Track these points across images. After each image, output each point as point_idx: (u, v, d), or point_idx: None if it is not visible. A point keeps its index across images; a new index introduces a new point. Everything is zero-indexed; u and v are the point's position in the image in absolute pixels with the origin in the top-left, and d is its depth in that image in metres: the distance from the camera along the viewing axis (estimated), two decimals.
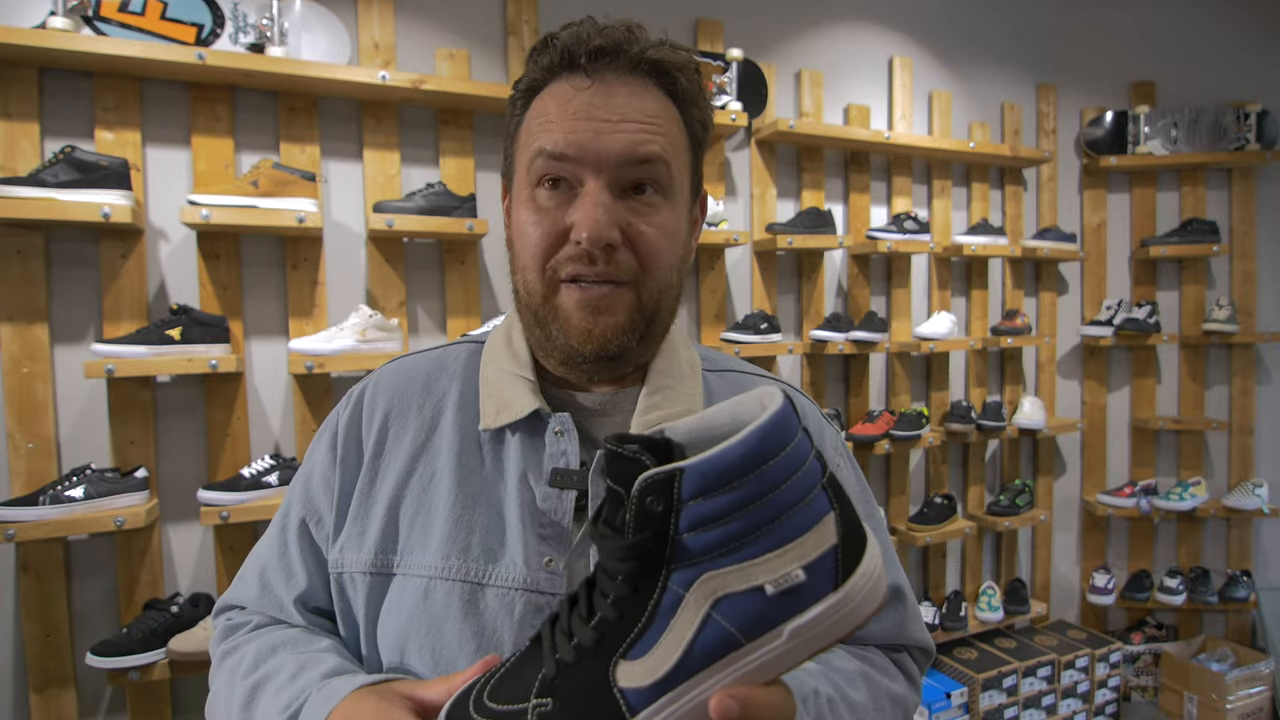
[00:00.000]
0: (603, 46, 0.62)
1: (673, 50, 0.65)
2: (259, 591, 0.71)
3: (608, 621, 0.42)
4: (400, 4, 2.07)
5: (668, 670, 0.40)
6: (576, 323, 0.64)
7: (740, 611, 0.40)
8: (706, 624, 0.40)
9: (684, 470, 0.39)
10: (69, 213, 1.58)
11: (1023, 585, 2.88)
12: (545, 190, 0.63)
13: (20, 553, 1.71)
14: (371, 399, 0.73)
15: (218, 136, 1.87)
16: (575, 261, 0.62)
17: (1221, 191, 3.09)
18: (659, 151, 0.63)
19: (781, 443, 0.40)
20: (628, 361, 0.68)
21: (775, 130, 2.40)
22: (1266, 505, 2.89)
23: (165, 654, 1.68)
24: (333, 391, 2.00)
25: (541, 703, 0.42)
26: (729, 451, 0.39)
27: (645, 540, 0.40)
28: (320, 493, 0.71)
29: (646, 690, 0.40)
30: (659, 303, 0.66)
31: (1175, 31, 3.08)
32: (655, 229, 0.64)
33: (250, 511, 1.75)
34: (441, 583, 0.62)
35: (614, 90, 0.62)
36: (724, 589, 0.40)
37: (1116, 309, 2.96)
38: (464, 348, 0.76)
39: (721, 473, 0.39)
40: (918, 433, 2.55)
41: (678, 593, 0.40)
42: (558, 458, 0.65)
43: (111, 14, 1.76)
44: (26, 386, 1.71)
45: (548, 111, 0.63)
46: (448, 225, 1.95)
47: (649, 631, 0.41)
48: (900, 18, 2.79)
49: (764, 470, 0.39)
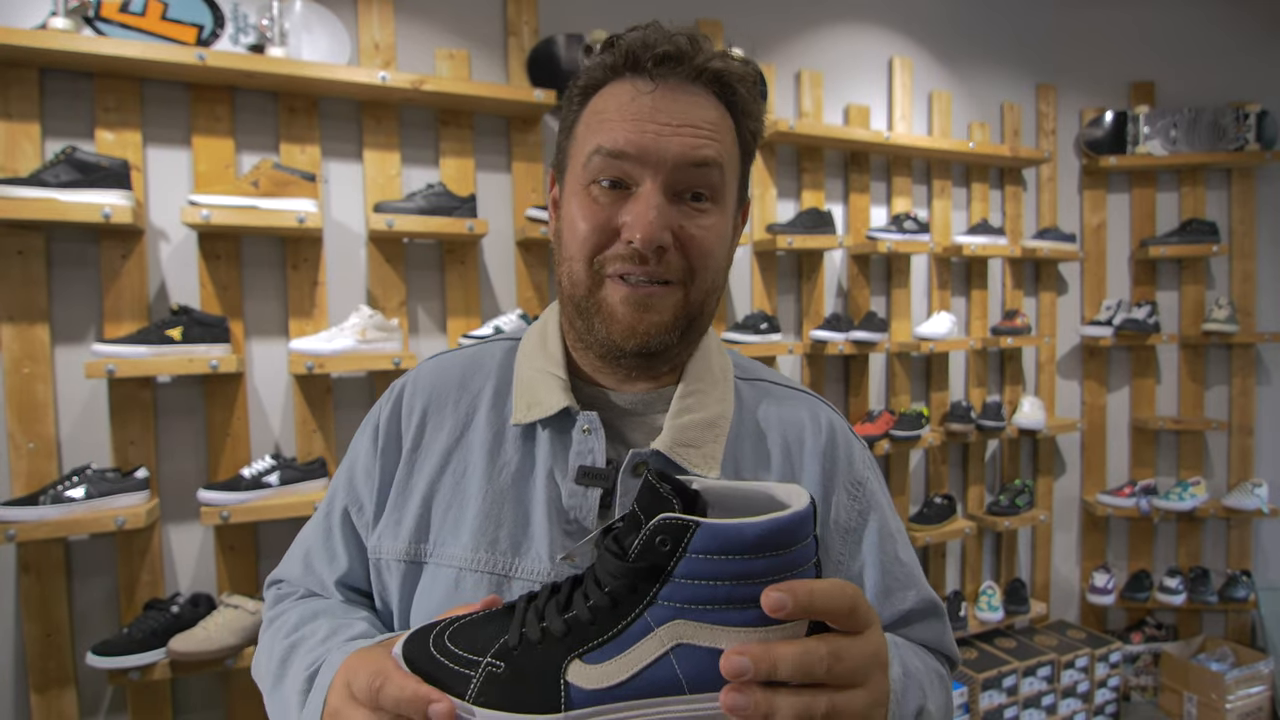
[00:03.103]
0: (669, 52, 0.64)
1: (733, 62, 0.67)
2: (303, 570, 0.76)
3: (580, 621, 0.45)
4: (400, 4, 2.08)
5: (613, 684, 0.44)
6: (621, 317, 0.65)
7: (694, 662, 0.43)
8: (660, 661, 0.44)
9: (700, 526, 0.43)
10: (70, 213, 1.59)
11: (1023, 585, 2.88)
12: (600, 187, 0.65)
13: (21, 553, 1.71)
14: (411, 394, 0.75)
15: (218, 137, 1.87)
16: (625, 260, 0.64)
17: (1221, 191, 3.09)
18: (714, 156, 0.64)
19: (792, 540, 0.43)
20: (666, 359, 0.70)
21: (775, 130, 2.40)
22: (1266, 505, 2.89)
23: (165, 654, 1.68)
24: (333, 392, 2.00)
25: (494, 663, 0.46)
26: (745, 527, 0.43)
27: (643, 569, 0.44)
28: (363, 482, 0.74)
29: (589, 693, 0.44)
30: (703, 304, 0.68)
31: (1175, 31, 3.08)
32: (705, 232, 0.65)
33: (250, 511, 1.75)
34: (471, 574, 0.65)
35: (676, 96, 0.64)
36: (689, 638, 0.43)
37: (1116, 309, 2.96)
38: (500, 345, 0.78)
39: (731, 541, 0.42)
40: (917, 433, 2.55)
41: (649, 624, 0.44)
42: (584, 455, 0.67)
43: (112, 14, 1.76)
44: (27, 387, 1.71)
45: (608, 109, 0.65)
46: (448, 225, 1.95)
47: (610, 645, 0.45)
48: (900, 18, 2.79)
49: (767, 556, 0.43)
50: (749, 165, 0.72)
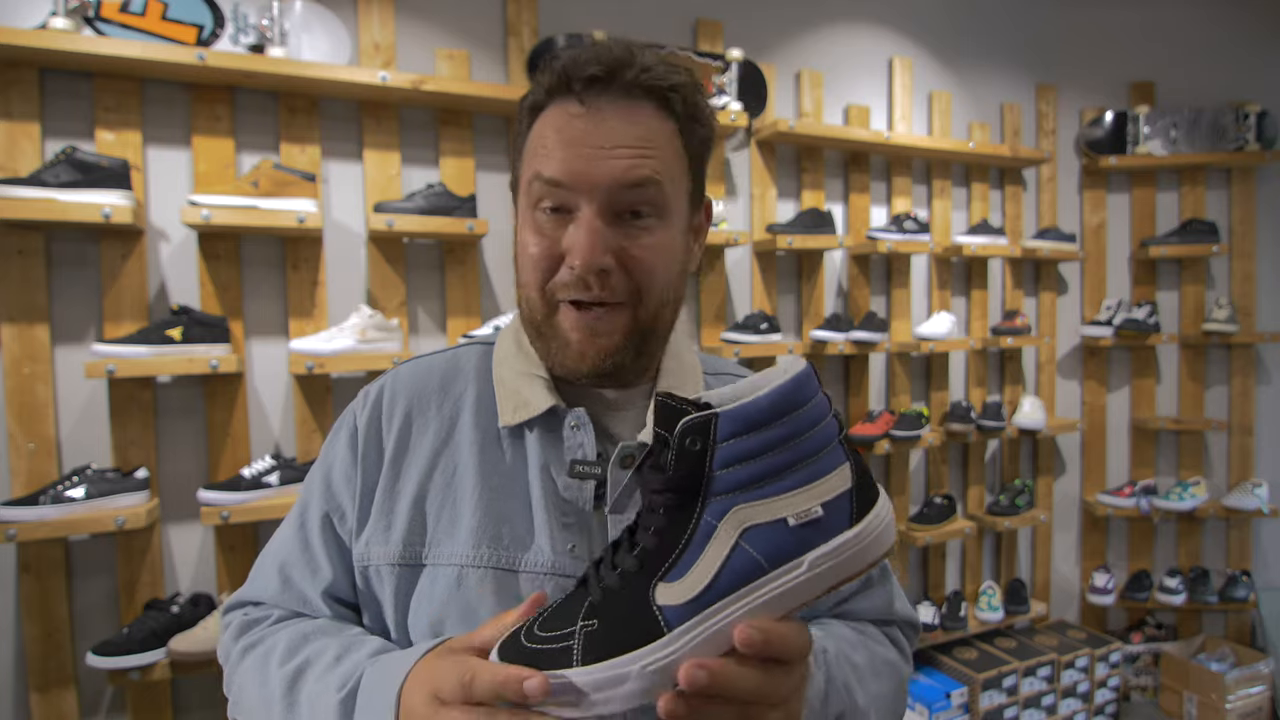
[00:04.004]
0: (597, 74, 0.64)
1: (669, 71, 0.66)
2: (280, 586, 0.73)
3: (648, 550, 0.48)
4: (400, 4, 2.08)
5: (700, 590, 0.46)
6: (574, 343, 0.67)
7: (766, 541, 0.46)
8: (735, 551, 0.46)
9: (719, 415, 0.46)
10: (70, 213, 1.59)
11: (1023, 585, 2.88)
12: (544, 214, 0.66)
13: (21, 553, 1.71)
14: (390, 399, 0.75)
15: (218, 137, 1.87)
16: (571, 286, 0.65)
17: (1221, 191, 3.09)
18: (650, 175, 0.64)
19: (803, 399, 0.47)
20: (624, 375, 0.71)
21: (775, 130, 2.40)
22: (1266, 505, 2.89)
23: (166, 654, 1.68)
24: (333, 392, 2.00)
25: (588, 624, 0.47)
26: (758, 401, 0.46)
27: (684, 476, 0.47)
28: (342, 489, 0.73)
29: (681, 608, 0.46)
30: (655, 320, 0.69)
31: (1175, 31, 3.08)
32: (648, 251, 0.66)
33: (250, 511, 1.75)
34: (474, 570, 0.65)
35: (607, 116, 0.64)
36: (751, 520, 0.46)
37: (1116, 309, 2.96)
38: (475, 349, 0.79)
39: (751, 419, 0.46)
40: (918, 433, 2.55)
41: (711, 523, 0.46)
42: (575, 450, 0.69)
43: (112, 15, 1.76)
44: (27, 387, 1.71)
45: (546, 134, 0.65)
46: (448, 225, 1.95)
47: (685, 556, 0.47)
48: (900, 18, 2.79)
49: (787, 420, 0.46)
50: (702, 167, 0.72)
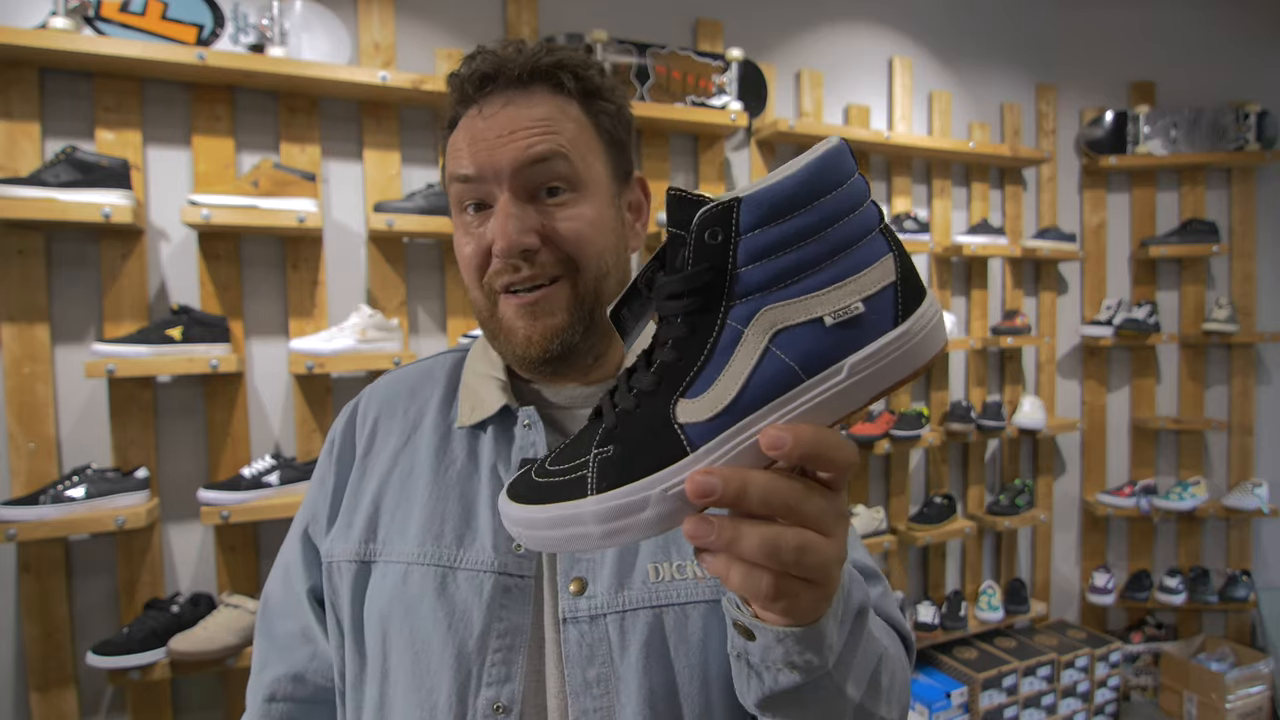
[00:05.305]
0: (485, 73, 0.66)
1: (553, 53, 0.68)
2: (283, 588, 0.77)
3: (667, 365, 0.41)
4: (400, 4, 2.08)
5: (726, 404, 0.39)
6: (517, 329, 0.67)
7: (799, 344, 0.39)
8: (765, 358, 0.39)
9: (742, 200, 0.39)
10: (70, 213, 1.59)
11: (1023, 585, 2.88)
12: (469, 215, 0.68)
13: (21, 552, 1.71)
14: (365, 407, 0.79)
15: (218, 136, 1.87)
16: (504, 274, 0.66)
17: (1221, 191, 3.09)
18: (551, 149, 0.65)
19: (838, 178, 0.39)
20: (578, 357, 0.70)
21: (775, 130, 2.40)
22: (1266, 505, 2.89)
23: (166, 654, 1.68)
24: (333, 391, 2.00)
25: (602, 451, 0.41)
26: (785, 182, 0.39)
27: (704, 272, 0.40)
28: (318, 494, 0.77)
29: (705, 425, 0.40)
30: (597, 292, 0.68)
31: (1175, 31, 3.08)
32: (572, 222, 0.66)
33: (251, 511, 1.75)
34: (418, 568, 0.66)
35: (502, 108, 0.66)
36: (783, 321, 0.39)
37: (1116, 309, 2.96)
38: (451, 356, 0.82)
39: (779, 203, 0.39)
40: (917, 432, 2.55)
41: (736, 329, 0.40)
42: (527, 449, 0.69)
43: (112, 14, 1.76)
44: (27, 386, 1.71)
45: (457, 141, 0.68)
46: (448, 225, 1.94)
47: (708, 368, 0.40)
48: (900, 18, 2.79)
49: (821, 203, 0.39)
50: (622, 142, 0.72)
